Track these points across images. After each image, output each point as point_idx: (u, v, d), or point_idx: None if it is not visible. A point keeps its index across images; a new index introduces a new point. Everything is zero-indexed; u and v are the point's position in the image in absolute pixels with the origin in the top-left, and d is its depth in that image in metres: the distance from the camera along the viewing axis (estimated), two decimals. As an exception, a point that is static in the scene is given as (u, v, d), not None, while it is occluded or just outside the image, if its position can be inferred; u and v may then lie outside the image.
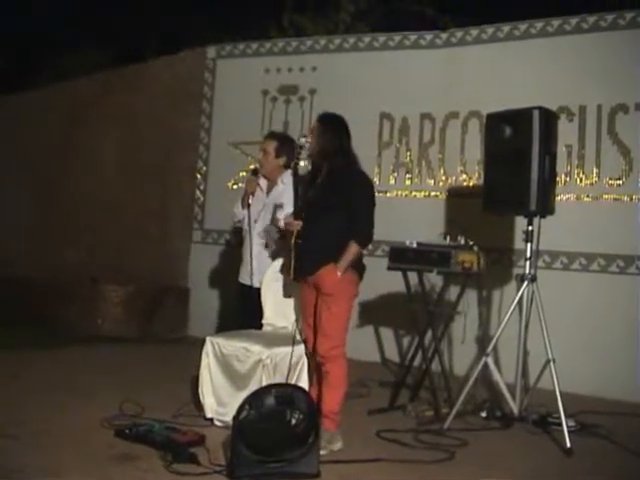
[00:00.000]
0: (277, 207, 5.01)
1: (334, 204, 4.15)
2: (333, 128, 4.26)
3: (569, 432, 4.36)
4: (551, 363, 4.56)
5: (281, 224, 4.71)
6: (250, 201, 5.16)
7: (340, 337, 4.17)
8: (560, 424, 4.42)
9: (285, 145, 5.19)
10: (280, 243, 4.94)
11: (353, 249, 4.14)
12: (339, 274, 4.12)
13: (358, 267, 4.26)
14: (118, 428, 4.13)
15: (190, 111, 8.04)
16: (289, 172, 5.08)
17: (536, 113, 4.61)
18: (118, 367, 5.92)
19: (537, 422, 4.76)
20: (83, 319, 7.36)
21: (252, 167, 5.37)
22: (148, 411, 4.50)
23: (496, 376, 4.79)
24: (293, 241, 4.19)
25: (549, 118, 4.73)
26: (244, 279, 5.27)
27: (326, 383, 4.18)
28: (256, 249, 5.13)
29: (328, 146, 4.19)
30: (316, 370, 4.33)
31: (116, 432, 4.10)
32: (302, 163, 4.16)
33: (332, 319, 4.14)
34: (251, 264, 5.11)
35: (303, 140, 4.18)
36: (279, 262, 4.84)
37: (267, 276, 4.90)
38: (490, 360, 4.76)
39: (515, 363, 4.84)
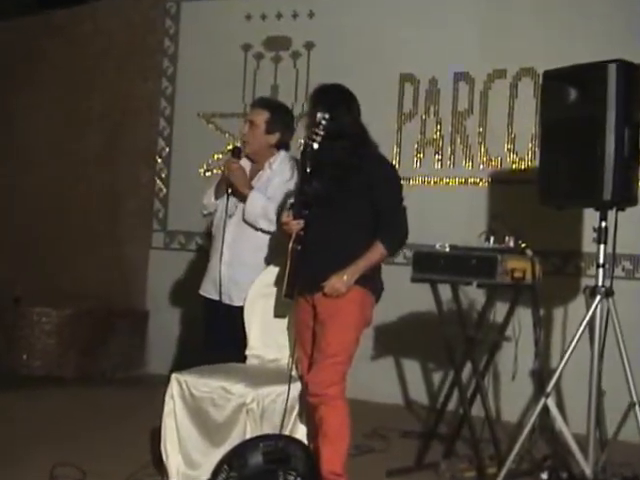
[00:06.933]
0: (288, 196, 4.92)
1: (349, 200, 4.20)
2: (344, 100, 4.32)
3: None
4: (636, 407, 4.53)
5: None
6: (229, 190, 5.13)
7: (340, 372, 4.17)
8: (651, 488, 4.39)
9: (280, 117, 5.20)
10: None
11: (378, 251, 4.17)
12: (346, 278, 4.11)
13: (374, 285, 4.27)
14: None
15: (146, 73, 8.10)
16: (282, 155, 5.18)
17: (612, 68, 4.53)
18: (50, 418, 5.89)
19: (619, 486, 4.73)
20: (3, 354, 7.33)
21: (233, 145, 5.35)
22: (91, 476, 4.47)
23: (560, 424, 4.72)
24: (290, 247, 4.21)
25: (631, 75, 4.63)
26: (208, 291, 5.27)
27: (322, 434, 4.17)
28: (228, 254, 5.12)
29: (341, 126, 4.23)
30: (308, 416, 4.36)
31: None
32: (316, 145, 4.14)
33: (333, 347, 4.14)
34: (220, 272, 5.11)
35: (320, 116, 4.16)
36: (269, 273, 4.83)
37: (252, 292, 4.89)
38: (551, 402, 4.69)
39: (586, 407, 4.76)
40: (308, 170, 4.21)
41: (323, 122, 4.12)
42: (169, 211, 7.99)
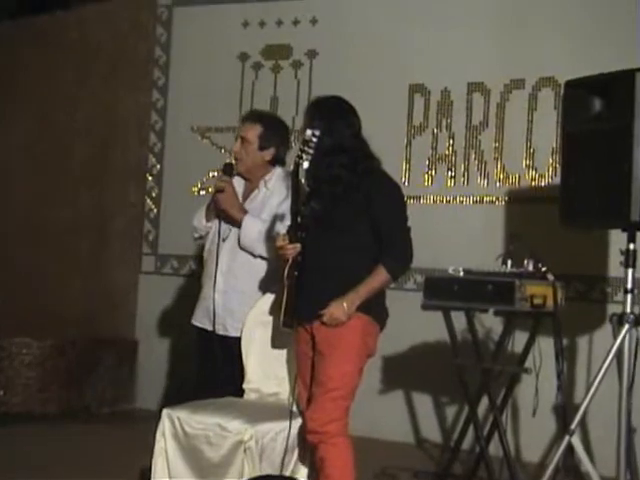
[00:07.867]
0: (277, 218, 4.93)
1: (349, 220, 4.18)
2: (343, 113, 4.33)
3: None
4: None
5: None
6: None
7: (341, 407, 4.15)
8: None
9: (274, 131, 5.17)
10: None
11: (380, 275, 4.14)
12: (345, 306, 4.08)
13: (377, 312, 4.25)
14: None
15: (136, 83, 8.10)
16: (277, 172, 5.17)
17: (640, 77, 4.56)
18: (31, 458, 5.85)
19: (651, 535, 4.69)
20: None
21: (226, 162, 5.32)
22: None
23: (586, 465, 4.69)
24: (286, 273, 4.21)
25: (660, 84, 4.66)
26: (201, 321, 5.25)
27: (323, 475, 4.16)
28: (222, 282, 5.09)
29: (340, 141, 4.23)
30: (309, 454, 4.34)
31: None
32: (306, 164, 4.13)
33: (334, 380, 4.12)
34: (214, 301, 5.07)
35: (310, 133, 4.14)
36: (267, 300, 4.82)
37: (250, 320, 4.87)
38: (576, 441, 4.67)
39: (615, 446, 4.72)
40: (307, 189, 4.25)
41: (314, 139, 4.11)
42: (160, 233, 7.97)
